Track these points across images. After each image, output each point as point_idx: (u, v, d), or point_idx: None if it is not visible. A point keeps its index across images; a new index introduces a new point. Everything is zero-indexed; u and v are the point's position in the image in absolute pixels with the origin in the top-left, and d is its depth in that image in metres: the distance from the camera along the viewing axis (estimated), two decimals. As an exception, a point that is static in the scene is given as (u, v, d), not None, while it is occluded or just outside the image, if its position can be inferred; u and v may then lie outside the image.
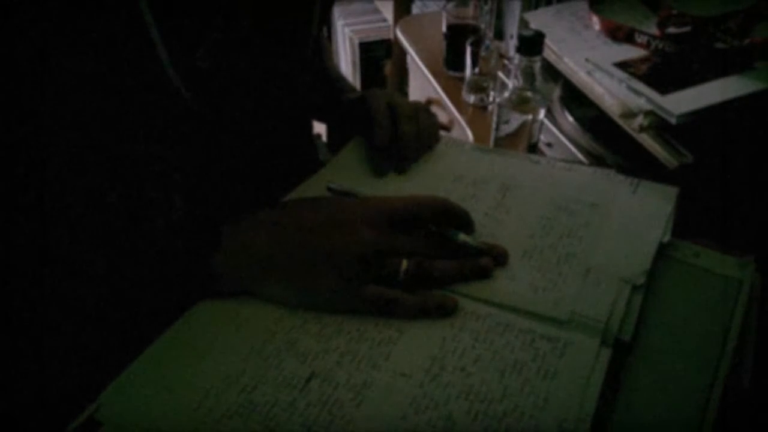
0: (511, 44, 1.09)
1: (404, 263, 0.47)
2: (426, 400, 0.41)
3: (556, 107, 0.92)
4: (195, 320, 0.47)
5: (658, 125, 0.75)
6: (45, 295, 0.50)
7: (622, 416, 0.41)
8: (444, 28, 1.12)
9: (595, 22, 0.90)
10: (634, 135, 0.76)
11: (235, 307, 0.48)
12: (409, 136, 0.61)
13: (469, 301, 0.47)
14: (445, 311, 0.46)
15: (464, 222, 0.51)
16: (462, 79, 1.11)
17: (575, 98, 0.88)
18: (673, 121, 0.72)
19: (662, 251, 0.51)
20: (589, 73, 0.83)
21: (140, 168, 0.51)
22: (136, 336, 0.46)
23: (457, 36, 1.11)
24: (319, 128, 0.80)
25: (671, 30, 0.86)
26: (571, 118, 0.88)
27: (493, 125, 0.79)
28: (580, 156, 0.85)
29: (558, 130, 0.89)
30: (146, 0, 0.44)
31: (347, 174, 0.60)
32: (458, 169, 0.61)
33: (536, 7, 1.01)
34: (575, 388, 0.41)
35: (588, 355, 0.43)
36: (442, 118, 1.18)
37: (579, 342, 0.44)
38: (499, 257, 0.50)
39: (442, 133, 0.67)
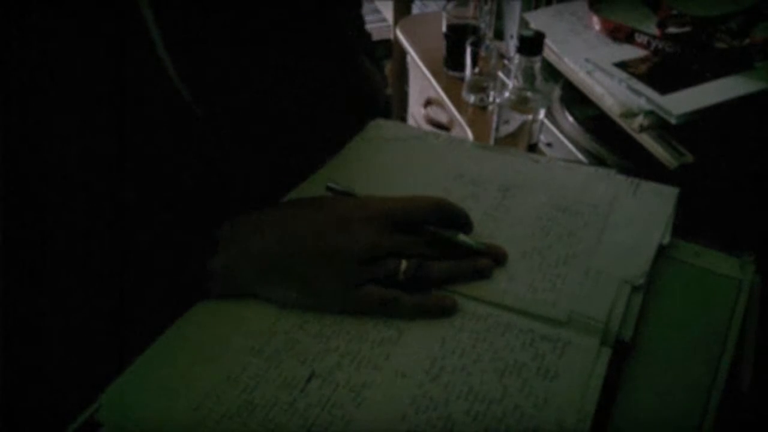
0: (511, 44, 1.09)
1: (403, 264, 0.47)
2: (426, 401, 0.41)
3: (556, 107, 0.92)
4: (195, 320, 0.47)
5: (658, 125, 0.75)
6: (44, 294, 0.50)
7: (622, 416, 0.41)
8: (444, 28, 1.13)
9: (595, 22, 0.90)
10: (634, 135, 0.76)
11: (235, 306, 0.48)
12: None
13: (468, 301, 0.47)
14: (445, 311, 0.46)
15: (463, 222, 0.51)
16: (462, 79, 1.11)
17: (575, 98, 0.88)
18: (673, 121, 0.72)
19: (662, 251, 0.51)
20: (589, 73, 0.83)
21: (139, 169, 0.51)
22: (136, 337, 0.46)
23: (457, 36, 1.11)
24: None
25: (671, 30, 0.86)
26: (571, 118, 0.89)
27: (493, 125, 0.79)
28: (580, 156, 0.85)
29: (558, 130, 0.89)
30: (147, 1, 0.44)
31: (347, 174, 0.60)
32: (458, 167, 0.61)
33: (536, 7, 1.01)
34: (575, 388, 0.41)
35: (588, 355, 0.43)
36: (443, 118, 1.18)
37: (579, 342, 0.44)
38: (498, 257, 0.50)
39: (442, 132, 0.66)
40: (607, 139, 0.83)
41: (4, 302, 0.50)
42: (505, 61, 1.07)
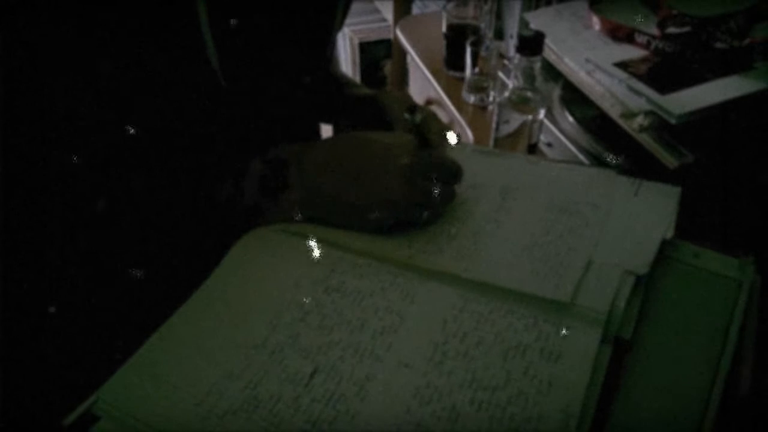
0: (511, 44, 1.09)
1: (425, 215, 0.54)
2: (429, 391, 0.41)
3: (556, 107, 0.92)
4: (194, 315, 0.47)
5: (658, 125, 0.75)
6: (46, 281, 0.51)
7: (622, 416, 0.41)
8: (444, 28, 1.13)
9: (595, 22, 0.91)
10: (634, 135, 0.76)
11: (234, 300, 0.48)
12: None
13: (468, 285, 0.48)
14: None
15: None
16: (462, 79, 1.11)
17: (575, 98, 0.88)
18: (673, 121, 0.72)
19: (662, 251, 0.51)
20: (589, 73, 0.83)
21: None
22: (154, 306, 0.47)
23: (457, 36, 1.11)
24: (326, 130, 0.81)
25: (671, 30, 0.86)
26: (571, 118, 0.89)
27: (493, 125, 0.79)
28: (580, 156, 0.85)
29: (558, 130, 0.89)
30: None
31: None
32: None
33: (536, 7, 1.01)
34: (580, 370, 0.41)
35: (591, 338, 0.43)
36: (442, 118, 1.18)
37: (581, 328, 0.44)
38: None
39: None
40: (607, 139, 0.83)
41: (5, 291, 0.50)
42: (505, 61, 1.07)
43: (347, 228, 0.54)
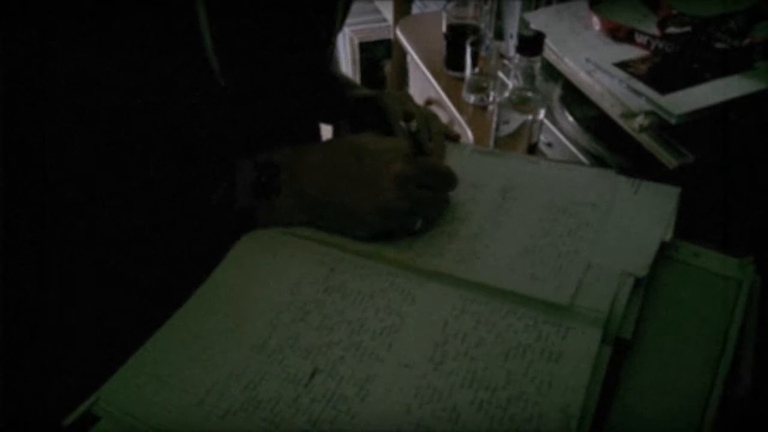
0: (511, 44, 1.09)
1: (418, 223, 0.54)
2: (430, 391, 0.41)
3: (556, 107, 0.92)
4: (195, 315, 0.47)
5: (658, 125, 0.75)
6: (49, 284, 0.51)
7: (622, 416, 0.41)
8: (444, 28, 1.13)
9: (595, 22, 0.90)
10: (634, 135, 0.76)
11: (234, 300, 0.48)
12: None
13: (468, 286, 0.48)
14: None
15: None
16: (462, 79, 1.11)
17: (575, 98, 0.88)
18: (673, 121, 0.72)
19: (662, 251, 0.51)
20: (589, 73, 0.83)
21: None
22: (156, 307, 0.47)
23: (457, 36, 1.11)
24: (326, 130, 0.81)
25: (671, 30, 0.86)
26: (571, 118, 0.89)
27: (493, 125, 0.79)
28: (580, 156, 0.85)
29: (558, 130, 0.89)
30: None
31: None
32: (458, 171, 0.61)
33: (536, 7, 1.01)
34: (579, 371, 0.41)
35: (591, 339, 0.43)
36: (442, 118, 1.18)
37: (582, 329, 0.44)
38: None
39: None
40: (607, 139, 0.83)
41: (5, 291, 0.50)
42: (505, 61, 1.07)
43: (339, 234, 0.54)
